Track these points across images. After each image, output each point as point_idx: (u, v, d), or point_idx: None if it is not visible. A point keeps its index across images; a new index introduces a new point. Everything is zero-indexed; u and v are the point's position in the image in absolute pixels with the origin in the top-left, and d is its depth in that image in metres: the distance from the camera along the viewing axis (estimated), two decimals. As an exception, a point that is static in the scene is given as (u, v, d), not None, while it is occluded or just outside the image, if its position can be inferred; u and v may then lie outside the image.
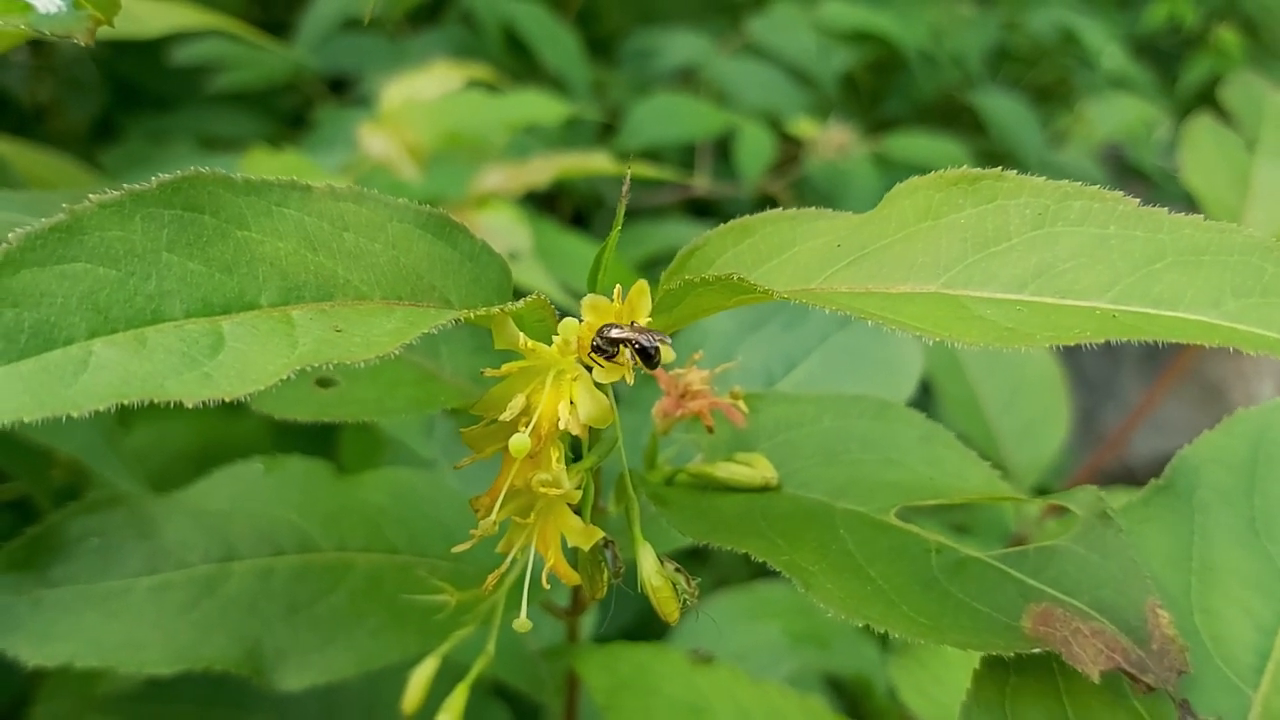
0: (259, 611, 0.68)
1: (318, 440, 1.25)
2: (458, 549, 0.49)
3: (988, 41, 2.46)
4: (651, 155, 1.88)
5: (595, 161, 1.33)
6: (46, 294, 0.37)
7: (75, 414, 0.35)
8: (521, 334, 0.45)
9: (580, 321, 0.46)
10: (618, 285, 0.47)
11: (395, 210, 0.49)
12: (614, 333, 0.45)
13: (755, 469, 0.58)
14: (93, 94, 2.17)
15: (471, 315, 0.43)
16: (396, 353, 0.40)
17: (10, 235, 0.37)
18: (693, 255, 0.52)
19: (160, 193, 0.41)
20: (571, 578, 0.49)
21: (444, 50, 1.89)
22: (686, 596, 0.49)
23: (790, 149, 1.96)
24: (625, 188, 0.47)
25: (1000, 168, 0.46)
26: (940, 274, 0.45)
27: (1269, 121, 1.15)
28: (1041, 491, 1.45)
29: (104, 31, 0.54)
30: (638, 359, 0.45)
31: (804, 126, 1.89)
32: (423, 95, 1.35)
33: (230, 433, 1.36)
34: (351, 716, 0.99)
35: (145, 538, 0.68)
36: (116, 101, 2.16)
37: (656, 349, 0.45)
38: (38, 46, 2.11)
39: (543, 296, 0.47)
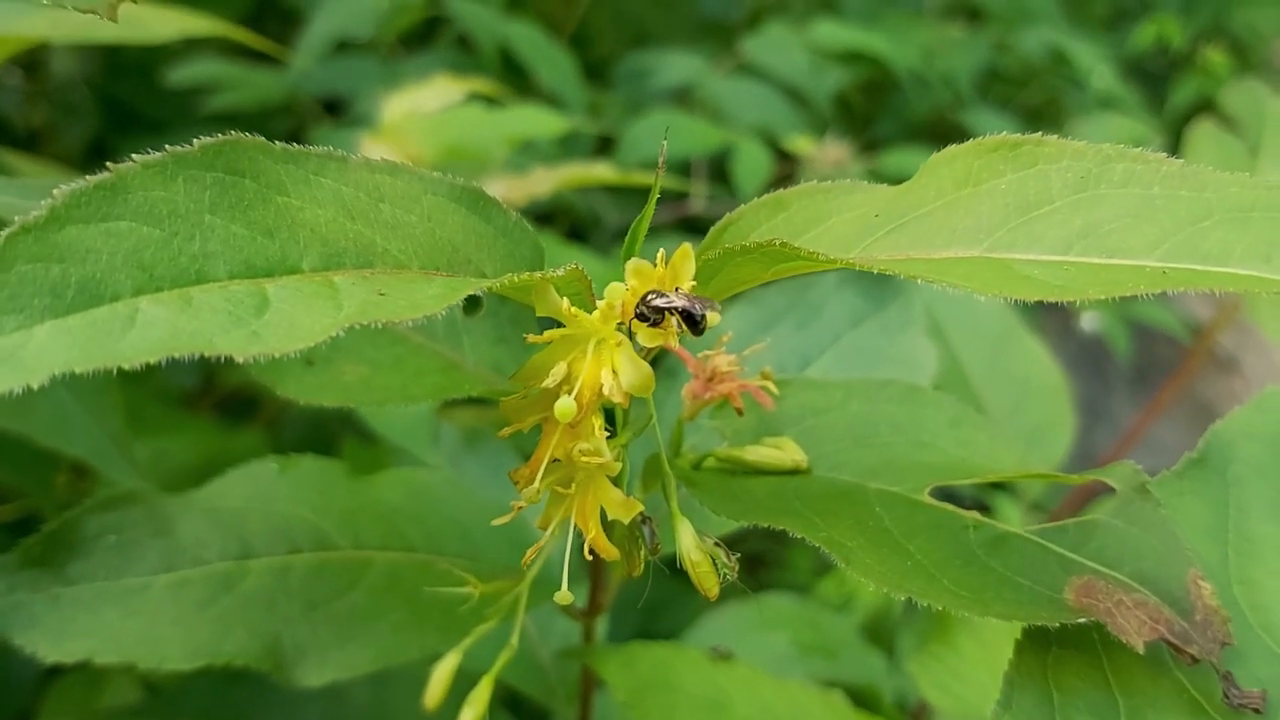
0: (277, 608, 0.67)
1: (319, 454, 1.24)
2: (498, 521, 0.48)
3: (978, 62, 2.47)
4: (648, 172, 1.88)
5: (598, 171, 1.33)
6: (92, 250, 0.37)
7: (126, 366, 0.34)
8: (565, 299, 0.44)
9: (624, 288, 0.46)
10: (660, 250, 0.46)
11: (429, 183, 0.49)
12: (659, 301, 0.44)
13: (784, 451, 0.58)
14: (87, 117, 2.17)
15: (515, 279, 0.43)
16: (442, 314, 0.40)
17: (55, 191, 0.37)
18: (727, 229, 0.52)
19: (202, 155, 0.41)
20: (610, 552, 0.49)
21: (438, 73, 1.89)
22: (726, 571, 0.49)
23: (786, 166, 1.97)
24: (663, 146, 0.46)
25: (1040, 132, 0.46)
26: (983, 238, 0.45)
27: (1270, 126, 1.16)
28: (1043, 505, 1.45)
29: (118, 35, 0.54)
30: (684, 326, 0.44)
31: (800, 143, 1.89)
32: (424, 108, 1.35)
33: (229, 448, 1.35)
34: (359, 727, 0.98)
35: (161, 535, 0.68)
36: (110, 125, 2.16)
37: (703, 315, 0.44)
38: (31, 70, 2.11)
39: (580, 268, 0.47)
